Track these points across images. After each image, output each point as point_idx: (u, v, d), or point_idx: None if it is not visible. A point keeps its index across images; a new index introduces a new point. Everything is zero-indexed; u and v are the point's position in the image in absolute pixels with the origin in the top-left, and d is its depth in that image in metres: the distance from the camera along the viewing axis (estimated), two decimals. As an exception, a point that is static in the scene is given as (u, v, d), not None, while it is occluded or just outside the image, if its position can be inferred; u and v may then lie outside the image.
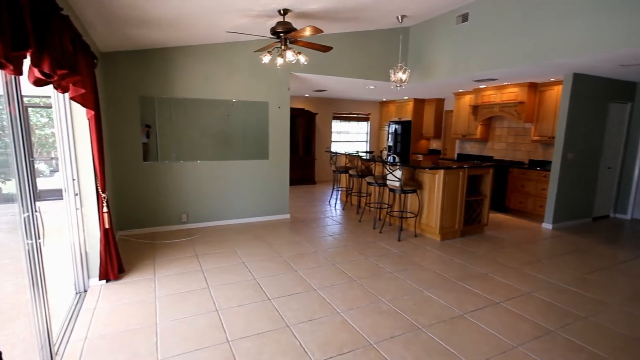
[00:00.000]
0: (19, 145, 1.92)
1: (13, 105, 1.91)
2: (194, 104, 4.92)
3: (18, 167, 1.93)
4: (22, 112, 1.94)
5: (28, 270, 2.02)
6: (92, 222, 3.19)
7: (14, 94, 1.89)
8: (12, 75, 1.84)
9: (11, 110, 1.91)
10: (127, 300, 2.98)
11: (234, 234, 4.87)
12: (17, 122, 1.91)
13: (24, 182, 1.95)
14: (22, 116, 1.94)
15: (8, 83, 1.85)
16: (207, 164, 5.12)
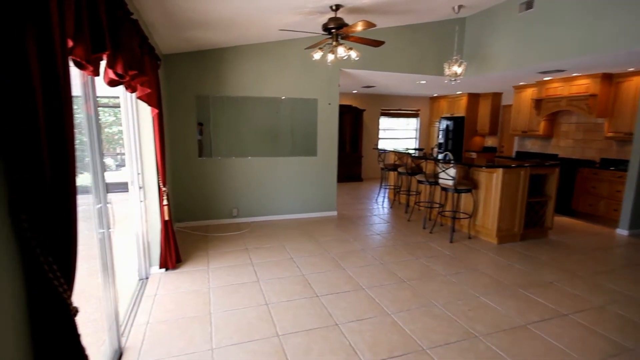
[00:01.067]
0: (94, 142, 2.08)
1: (89, 105, 2.08)
2: (246, 101, 5.07)
3: (93, 162, 2.10)
4: (96, 111, 2.11)
5: (100, 257, 2.20)
6: (154, 214, 3.41)
7: (90, 94, 2.05)
8: (88, 77, 1.99)
9: (88, 110, 2.08)
10: (184, 289, 3.15)
11: (282, 230, 4.96)
12: (92, 121, 2.07)
13: (97, 176, 2.11)
14: (96, 115, 2.10)
15: (85, 84, 2.01)
16: (257, 160, 5.25)
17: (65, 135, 1.01)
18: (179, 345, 2.37)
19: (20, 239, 0.94)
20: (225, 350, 2.31)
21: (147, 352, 2.30)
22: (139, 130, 3.25)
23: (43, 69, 0.95)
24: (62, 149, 1.00)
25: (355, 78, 6.43)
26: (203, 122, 4.96)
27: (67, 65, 1.10)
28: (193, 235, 4.65)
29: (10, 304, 0.91)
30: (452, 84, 6.71)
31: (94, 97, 2.08)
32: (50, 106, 0.97)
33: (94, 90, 2.07)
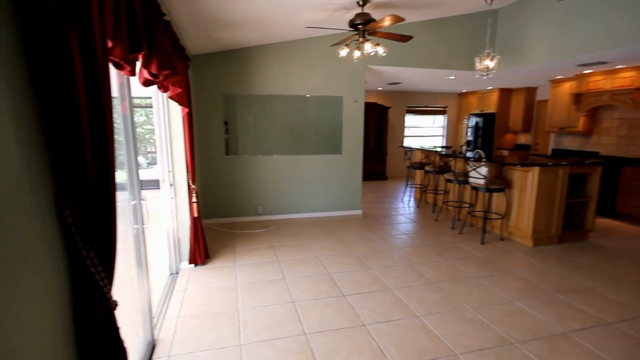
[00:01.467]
0: (129, 141, 2.15)
1: (125, 105, 2.14)
2: (271, 100, 5.10)
3: (128, 160, 2.16)
4: (131, 112, 2.17)
5: (135, 252, 2.27)
6: (184, 210, 3.49)
7: (126, 95, 2.11)
8: (124, 78, 2.05)
9: (123, 110, 2.15)
10: (212, 285, 3.21)
11: (307, 228, 4.96)
12: (127, 121, 2.13)
13: (132, 174, 2.18)
14: (131, 115, 2.16)
15: (121, 85, 2.07)
16: (282, 158, 5.28)
17: (106, 132, 1.03)
18: (209, 339, 2.41)
19: (63, 230, 0.97)
20: (253, 347, 2.33)
21: (179, 345, 2.36)
22: (169, 129, 3.34)
23: (85, 69, 0.97)
24: (103, 144, 1.03)
25: (381, 75, 6.32)
26: (230, 120, 5.04)
27: (107, 66, 1.12)
28: (220, 232, 4.73)
29: (56, 295, 0.94)
30: (484, 79, 6.47)
31: (130, 98, 2.14)
32: (92, 104, 0.99)
33: (130, 91, 2.13)
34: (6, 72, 0.81)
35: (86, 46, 0.98)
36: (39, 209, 0.88)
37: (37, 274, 0.88)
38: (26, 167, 0.85)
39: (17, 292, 0.81)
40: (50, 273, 0.93)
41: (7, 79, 0.80)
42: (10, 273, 0.79)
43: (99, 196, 1.00)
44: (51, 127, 0.91)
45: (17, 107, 0.84)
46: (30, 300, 0.85)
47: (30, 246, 0.86)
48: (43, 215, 0.90)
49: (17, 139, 0.82)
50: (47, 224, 0.91)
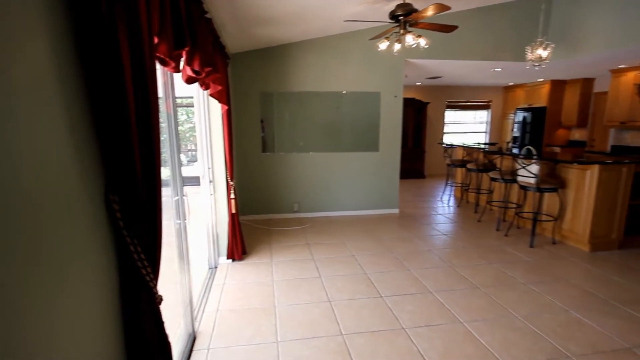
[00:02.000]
0: (172, 139, 2.20)
1: (169, 104, 2.19)
2: (308, 97, 5.07)
3: (171, 158, 2.21)
4: (175, 110, 2.22)
5: (177, 246, 2.33)
6: (222, 206, 3.56)
7: (170, 94, 2.16)
8: (168, 77, 2.10)
9: (167, 109, 2.20)
10: (249, 280, 3.24)
11: (342, 226, 4.90)
12: (171, 119, 2.18)
13: (175, 171, 2.23)
14: (175, 114, 2.21)
15: (165, 84, 2.12)
16: (318, 155, 5.25)
17: (152, 129, 1.04)
18: (247, 334, 2.43)
19: (112, 225, 0.98)
20: (290, 344, 2.32)
21: (218, 339, 2.39)
22: (209, 127, 3.41)
23: (133, 65, 0.98)
24: (149, 140, 1.03)
25: (420, 69, 6.10)
26: (266, 118, 5.08)
27: (154, 62, 1.12)
28: (257, 229, 4.79)
29: (105, 289, 0.96)
30: (536, 70, 6.04)
31: (173, 97, 2.18)
32: (140, 100, 0.99)
33: (173, 90, 2.18)
34: (58, 67, 0.82)
35: (134, 42, 0.98)
36: (90, 204, 0.90)
37: (88, 268, 0.90)
38: (77, 163, 0.86)
39: (68, 287, 0.83)
40: (101, 267, 0.94)
41: (59, 75, 0.81)
42: (62, 267, 0.80)
43: (146, 192, 1.01)
44: (101, 123, 0.92)
45: (70, 104, 0.86)
46: (80, 293, 0.87)
47: (81, 241, 0.88)
48: (93, 210, 0.92)
49: (69, 136, 0.84)
50: (97, 219, 0.93)
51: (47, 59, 0.78)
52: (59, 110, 0.81)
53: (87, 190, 0.89)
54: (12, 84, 0.68)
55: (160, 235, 1.08)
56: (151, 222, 1.02)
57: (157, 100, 1.12)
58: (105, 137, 0.92)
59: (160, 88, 2.10)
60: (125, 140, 0.92)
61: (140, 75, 0.99)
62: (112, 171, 0.94)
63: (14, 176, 0.68)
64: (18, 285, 0.68)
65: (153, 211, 1.03)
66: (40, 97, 0.76)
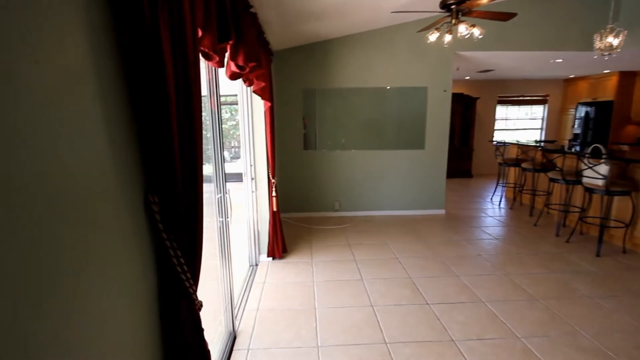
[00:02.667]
0: (216, 136, 2.19)
1: (213, 101, 2.18)
2: (351, 93, 4.95)
3: (215, 155, 2.21)
4: (219, 107, 2.20)
5: (219, 244, 2.32)
6: (264, 204, 3.56)
7: (214, 90, 2.14)
8: (212, 73, 2.08)
9: (212, 106, 2.19)
10: (289, 280, 3.20)
11: (385, 226, 4.73)
12: (215, 117, 2.17)
13: (218, 168, 2.22)
14: (219, 111, 2.19)
15: (209, 81, 2.11)
16: (361, 153, 5.11)
17: (194, 128, 0.98)
18: (287, 336, 2.38)
19: (151, 227, 0.94)
20: (330, 350, 2.23)
21: (258, 339, 2.37)
22: (252, 124, 3.40)
23: (176, 59, 0.93)
24: (191, 140, 0.98)
25: (471, 62, 5.72)
26: (308, 115, 5.03)
27: (198, 55, 1.08)
28: (297, 227, 4.77)
29: (144, 294, 0.92)
30: (605, 60, 5.44)
31: (217, 93, 2.17)
32: (182, 97, 0.94)
33: (217, 87, 2.16)
34: (96, 62, 0.78)
35: (177, 34, 0.93)
36: (128, 205, 0.86)
37: (127, 272, 0.86)
38: (116, 163, 0.83)
39: (107, 291, 0.79)
40: (139, 272, 0.91)
41: (96, 69, 0.77)
42: (100, 271, 0.77)
43: (186, 194, 0.96)
44: (140, 121, 0.88)
45: (108, 100, 0.82)
46: (120, 298, 0.84)
47: (120, 243, 0.84)
48: (131, 211, 0.88)
49: (108, 135, 0.80)
50: (135, 220, 0.89)
51: (84, 54, 0.74)
52: (97, 108, 0.77)
53: (126, 190, 0.86)
54: (50, 78, 0.64)
55: (201, 239, 1.03)
56: (191, 225, 0.97)
57: (199, 96, 1.07)
58: (145, 136, 0.88)
59: (204, 85, 2.09)
60: (165, 139, 0.88)
61: (182, 69, 0.94)
62: (152, 170, 0.90)
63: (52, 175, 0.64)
64: (60, 288, 0.64)
65: (193, 214, 0.98)
66: (77, 93, 0.72)
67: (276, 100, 4.77)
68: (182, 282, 0.93)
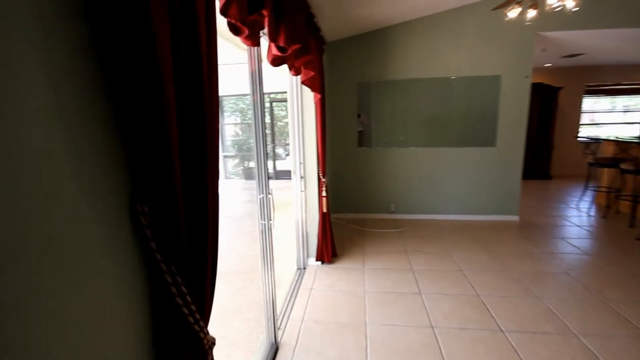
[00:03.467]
0: (259, 130, 1.99)
1: (256, 96, 1.99)
2: (410, 85, 4.52)
3: (257, 154, 2.01)
4: (261, 101, 2.00)
5: (260, 248, 2.14)
6: (313, 204, 3.33)
7: (257, 82, 1.95)
8: (255, 65, 1.89)
9: (254, 98, 2.00)
10: (338, 288, 2.94)
11: (447, 232, 4.24)
12: (257, 108, 1.98)
13: (260, 167, 2.03)
14: (261, 106, 1.99)
15: (253, 74, 1.92)
16: (420, 150, 4.66)
17: (204, 122, 0.76)
18: (332, 354, 2.12)
19: (140, 245, 0.72)
20: (382, 378, 1.92)
21: (301, 354, 2.14)
22: (302, 119, 3.19)
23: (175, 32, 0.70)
24: (198, 136, 0.76)
25: (555, 44, 4.93)
26: (364, 110, 4.71)
27: (213, 29, 0.84)
28: (348, 229, 4.48)
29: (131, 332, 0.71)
30: None
31: (261, 85, 1.97)
32: (185, 85, 0.71)
33: (260, 78, 1.96)
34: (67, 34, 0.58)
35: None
36: (110, 215, 0.66)
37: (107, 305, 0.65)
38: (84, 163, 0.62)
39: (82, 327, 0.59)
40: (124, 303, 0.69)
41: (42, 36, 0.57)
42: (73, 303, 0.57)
43: (191, 204, 0.73)
44: (125, 112, 0.67)
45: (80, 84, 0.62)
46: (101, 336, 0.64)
47: (97, 265, 0.64)
48: (115, 222, 0.67)
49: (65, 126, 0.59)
50: (119, 235, 0.68)
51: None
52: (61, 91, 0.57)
53: (105, 196, 0.65)
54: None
55: (212, 262, 0.80)
56: (198, 242, 0.74)
57: (215, 84, 0.84)
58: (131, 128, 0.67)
59: (246, 77, 1.91)
60: (158, 130, 0.65)
61: (187, 41, 0.72)
62: (142, 173, 0.68)
63: None
64: None
65: (201, 229, 0.75)
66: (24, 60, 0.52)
67: (328, 96, 4.53)
68: (185, 316, 0.71)
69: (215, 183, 0.82)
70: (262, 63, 1.93)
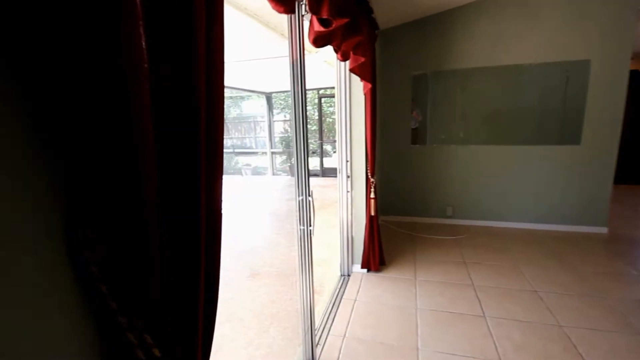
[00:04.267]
0: (299, 124, 1.75)
1: (298, 87, 1.75)
2: (474, 74, 4.00)
3: (297, 147, 1.77)
4: (303, 91, 1.75)
5: (298, 255, 1.90)
6: (360, 206, 3.03)
7: (298, 73, 1.70)
8: (297, 54, 1.64)
9: (295, 90, 1.76)
10: (385, 301, 2.61)
11: (514, 243, 3.69)
12: (299, 101, 1.73)
13: (300, 168, 1.79)
14: (303, 97, 1.74)
15: (294, 64, 1.67)
16: (483, 149, 4.12)
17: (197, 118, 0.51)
18: (377, 384, 1.83)
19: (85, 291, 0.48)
20: (437, 423, 1.59)
21: (340, 380, 1.88)
22: (350, 112, 2.90)
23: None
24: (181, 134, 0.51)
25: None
26: (419, 104, 4.28)
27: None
28: (398, 233, 4.11)
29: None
30: None
31: (302, 79, 1.71)
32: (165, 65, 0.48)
33: (302, 70, 1.70)
34: None
35: None
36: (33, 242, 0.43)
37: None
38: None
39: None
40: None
41: None
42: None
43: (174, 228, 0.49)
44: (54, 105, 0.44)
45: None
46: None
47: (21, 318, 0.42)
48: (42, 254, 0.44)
49: None
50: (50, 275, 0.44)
51: None
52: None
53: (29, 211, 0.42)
54: None
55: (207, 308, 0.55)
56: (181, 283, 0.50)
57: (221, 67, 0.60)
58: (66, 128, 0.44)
59: (287, 67, 1.67)
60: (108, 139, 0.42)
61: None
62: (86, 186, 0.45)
63: None
64: None
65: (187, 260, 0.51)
66: None
67: (380, 89, 4.17)
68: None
69: (215, 196, 0.58)
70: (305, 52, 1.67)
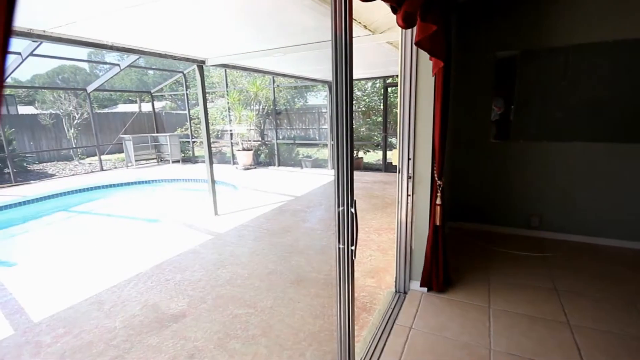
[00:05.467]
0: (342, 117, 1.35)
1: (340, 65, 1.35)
2: (578, 53, 3.18)
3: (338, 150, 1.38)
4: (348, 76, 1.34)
5: (337, 280, 1.52)
6: (423, 213, 2.53)
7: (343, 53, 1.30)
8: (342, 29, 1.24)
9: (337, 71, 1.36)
10: (450, 335, 2.12)
11: (627, 269, 2.87)
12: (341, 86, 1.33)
13: (342, 168, 1.39)
14: (347, 81, 1.34)
15: (337, 35, 1.27)
16: (585, 146, 3.29)
17: None
18: None
19: None
20: None
21: None
22: (414, 100, 2.40)
23: None
24: None
25: None
26: (502, 90, 3.56)
27: None
28: (468, 244, 3.49)
29: None
30: None
31: (347, 58, 1.31)
32: None
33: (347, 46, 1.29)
34: None
35: None
36: None
37: None
38: None
39: None
40: None
41: None
42: None
43: None
44: None
45: None
46: None
47: None
48: None
49: None
50: None
51: None
52: None
53: None
54: None
55: None
56: None
57: None
58: None
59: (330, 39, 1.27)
60: None
61: None
62: None
63: None
64: None
65: None
66: None
67: (454, 73, 3.54)
68: None
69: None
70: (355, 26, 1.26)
